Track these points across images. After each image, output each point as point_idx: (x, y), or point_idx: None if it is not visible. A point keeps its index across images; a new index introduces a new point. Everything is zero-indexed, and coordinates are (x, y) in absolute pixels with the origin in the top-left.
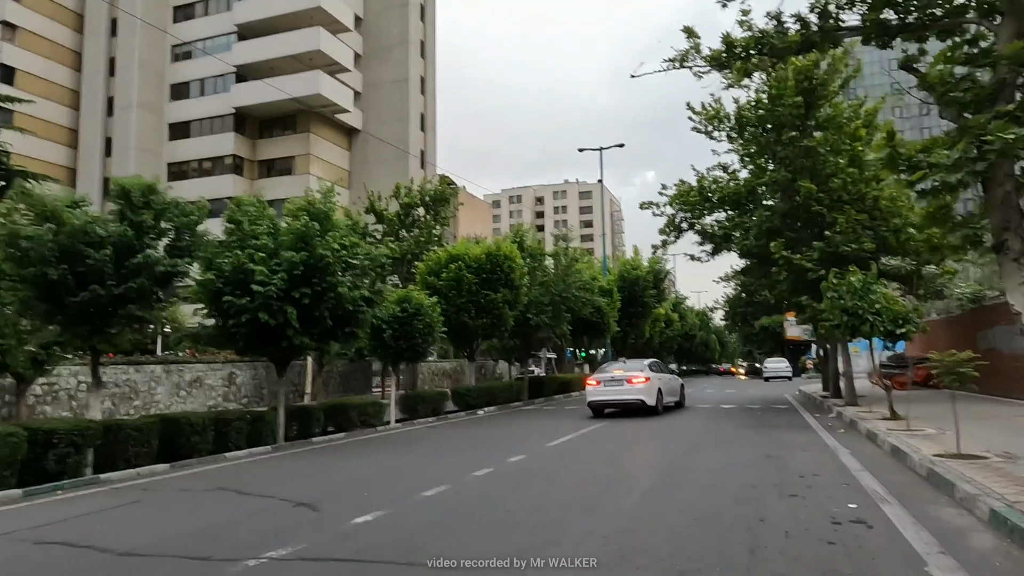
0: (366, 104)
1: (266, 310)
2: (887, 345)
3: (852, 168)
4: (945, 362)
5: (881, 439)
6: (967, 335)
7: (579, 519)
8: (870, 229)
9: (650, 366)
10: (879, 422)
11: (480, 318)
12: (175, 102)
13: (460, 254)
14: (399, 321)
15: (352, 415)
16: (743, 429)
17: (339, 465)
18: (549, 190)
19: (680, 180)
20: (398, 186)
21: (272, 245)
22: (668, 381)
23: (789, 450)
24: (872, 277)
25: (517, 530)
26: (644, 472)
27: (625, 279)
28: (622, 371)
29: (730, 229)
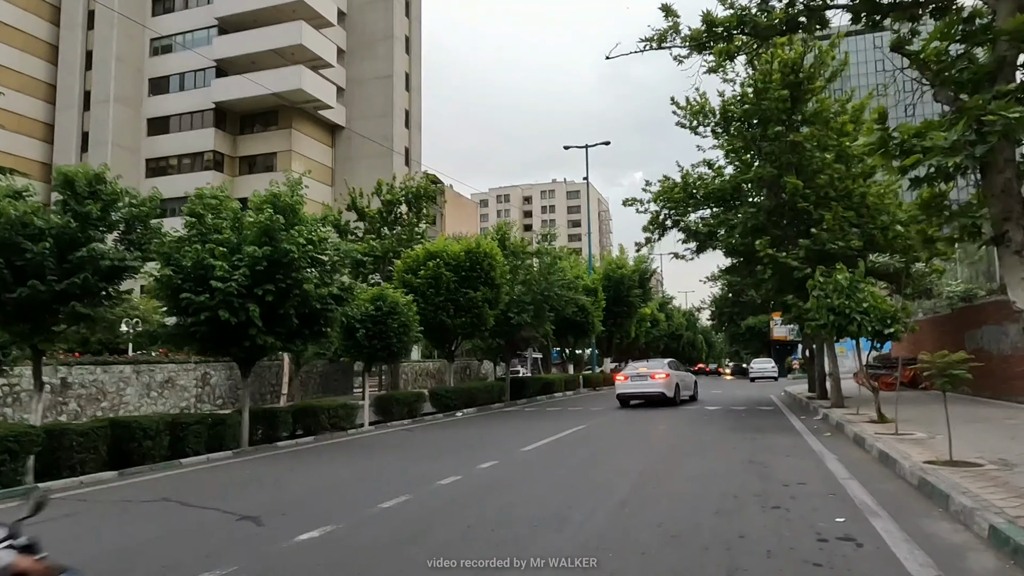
0: (350, 100)
1: (227, 308)
2: (875, 346)
3: (839, 164)
4: (937, 363)
5: (869, 444)
6: (955, 335)
7: (543, 536)
8: (857, 227)
9: (669, 364)
10: (866, 425)
11: (459, 317)
12: (154, 97)
13: (439, 251)
14: (373, 320)
15: (321, 418)
16: (727, 432)
17: (299, 472)
18: (537, 190)
19: (664, 176)
20: (379, 182)
21: (235, 240)
22: (684, 377)
23: (773, 455)
24: (859, 275)
25: (472, 549)
26: (620, 481)
27: (610, 278)
28: (646, 368)
29: (715, 227)
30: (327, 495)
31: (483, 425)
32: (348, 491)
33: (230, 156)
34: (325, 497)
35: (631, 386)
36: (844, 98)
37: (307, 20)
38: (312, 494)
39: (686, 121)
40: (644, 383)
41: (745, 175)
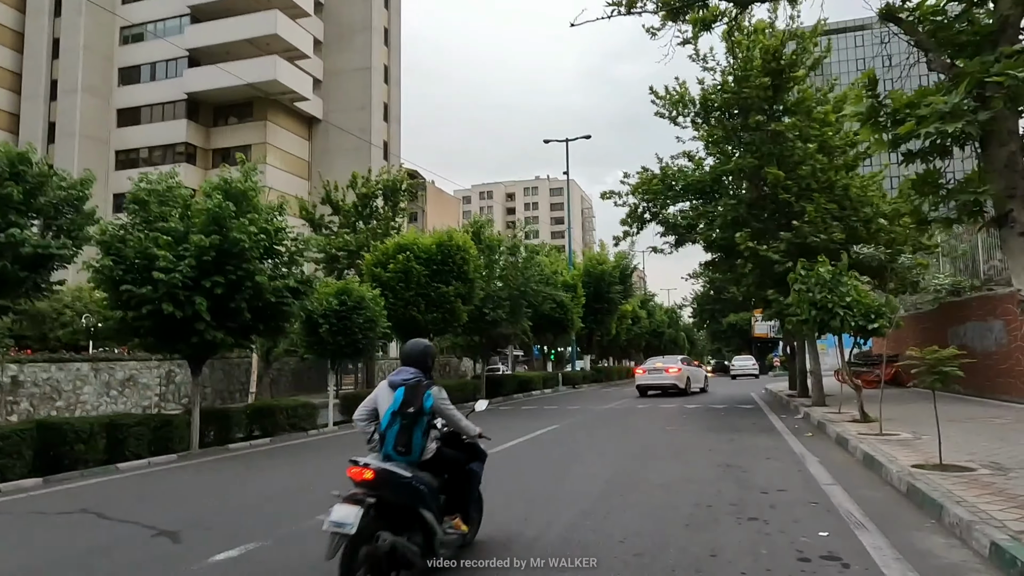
0: (327, 92)
1: (171, 301)
2: (858, 342)
3: (821, 155)
4: (927, 360)
5: (852, 445)
6: (938, 332)
7: (491, 553)
8: (839, 219)
9: (682, 360)
10: (849, 424)
11: (430, 313)
12: (124, 87)
13: (409, 244)
14: (337, 315)
15: (279, 418)
16: (705, 433)
17: (242, 478)
18: (520, 186)
19: (642, 168)
20: (354, 175)
21: (182, 228)
22: (695, 372)
23: (752, 458)
24: (842, 268)
25: None
26: (586, 488)
27: (591, 274)
28: (662, 364)
29: (694, 220)
30: (263, 505)
31: None
32: (286, 501)
33: (203, 148)
34: (260, 508)
35: (648, 378)
36: (826, 88)
37: (283, 9)
38: (247, 504)
39: (665, 111)
40: (659, 376)
41: (725, 166)
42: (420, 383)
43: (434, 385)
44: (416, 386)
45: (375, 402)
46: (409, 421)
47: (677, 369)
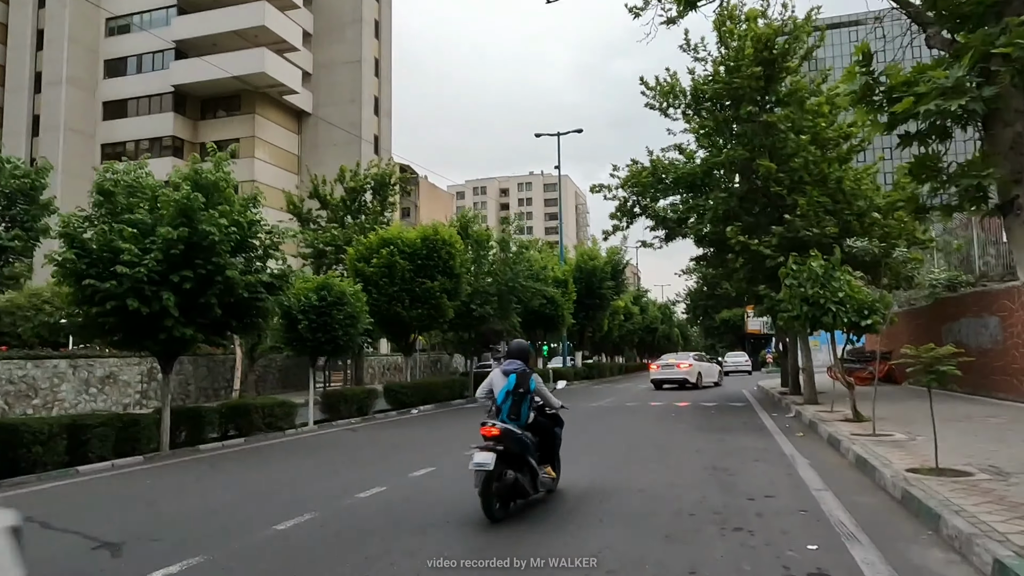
0: (316, 85)
1: (137, 296)
2: (851, 339)
3: (814, 147)
4: (923, 357)
5: (844, 446)
6: (931, 328)
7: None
8: (832, 213)
9: (694, 356)
10: (841, 424)
11: (415, 309)
12: (110, 79)
13: (393, 238)
14: (317, 311)
15: (255, 417)
16: (693, 433)
17: (205, 482)
18: (514, 182)
19: (632, 160)
20: (342, 169)
21: (149, 220)
22: (708, 367)
23: (740, 460)
24: (835, 262)
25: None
26: (561, 495)
27: (582, 270)
28: (674, 359)
29: (684, 213)
30: (219, 513)
31: (436, 424)
32: (246, 507)
33: (191, 142)
34: (215, 516)
35: (662, 373)
36: (819, 79)
37: (271, 1)
38: (202, 512)
39: (655, 103)
40: (672, 370)
41: (716, 158)
42: (526, 372)
43: (533, 373)
44: (524, 373)
45: (491, 384)
46: (519, 398)
47: (688, 364)
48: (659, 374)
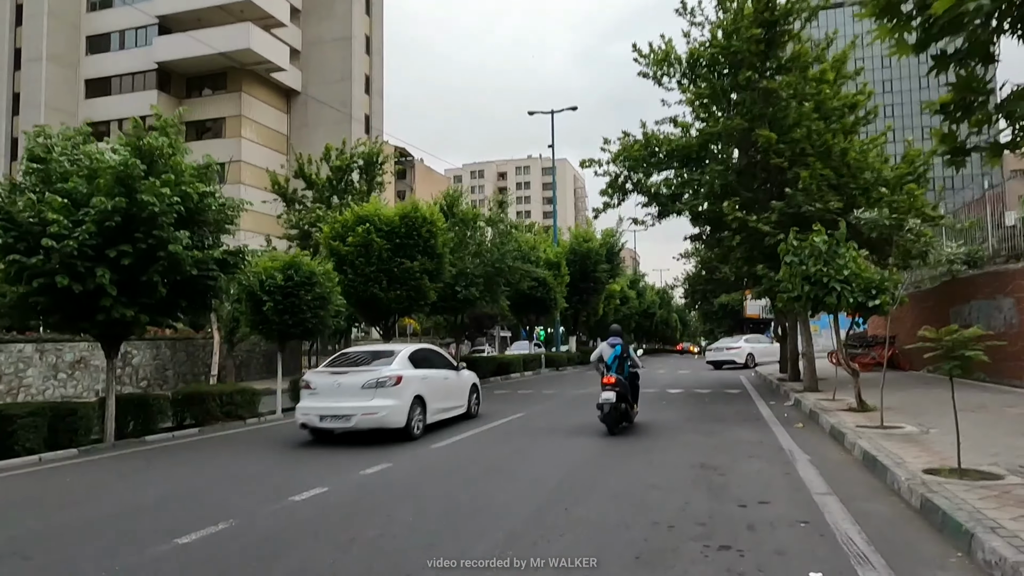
0: (306, 63)
1: (68, 272)
2: (856, 321)
3: (817, 116)
4: (944, 342)
5: (849, 440)
6: (939, 311)
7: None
8: (836, 188)
9: (746, 339)
10: (844, 414)
11: (393, 290)
12: (92, 56)
13: (369, 215)
14: (283, 292)
15: (211, 405)
16: (682, 423)
17: (130, 481)
18: (512, 165)
19: (623, 132)
20: (328, 147)
21: (84, 190)
22: (761, 349)
23: (732, 457)
24: (840, 237)
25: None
26: (524, 498)
27: (576, 252)
28: (727, 343)
29: (679, 189)
30: (121, 521)
31: None
32: (157, 513)
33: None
34: (113, 525)
35: (715, 355)
36: (824, 44)
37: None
38: (103, 519)
39: (649, 71)
40: (723, 353)
41: (713, 128)
42: (624, 344)
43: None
44: (624, 345)
45: (601, 353)
46: (621, 361)
47: (738, 347)
48: (713, 356)
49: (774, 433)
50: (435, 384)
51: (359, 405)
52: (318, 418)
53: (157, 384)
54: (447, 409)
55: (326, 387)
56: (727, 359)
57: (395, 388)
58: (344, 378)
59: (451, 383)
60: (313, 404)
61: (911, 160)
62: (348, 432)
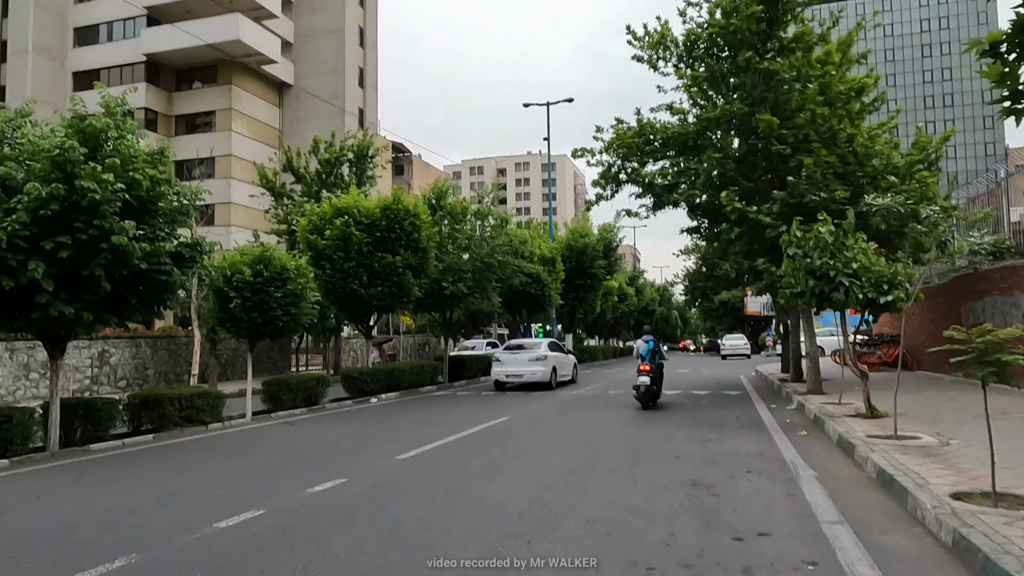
0: (298, 56)
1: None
2: (865, 319)
3: (822, 99)
4: (975, 344)
5: (861, 454)
6: (948, 309)
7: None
8: (842, 177)
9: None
10: (853, 421)
11: (374, 286)
12: (80, 48)
13: (348, 207)
14: (252, 288)
15: (168, 410)
16: (675, 430)
17: (41, 504)
18: (511, 162)
19: (616, 119)
20: (316, 140)
21: (19, 176)
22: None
23: (729, 472)
24: (848, 228)
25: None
26: (486, 524)
27: (572, 248)
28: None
29: (675, 178)
30: (36, 545)
31: (386, 417)
32: (35, 554)
33: (165, 115)
34: (25, 550)
35: (728, 348)
36: (828, 25)
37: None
38: (17, 544)
39: (644, 54)
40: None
41: (711, 113)
42: (655, 339)
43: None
44: (656, 342)
45: (637, 348)
46: (653, 354)
47: (745, 342)
48: (727, 349)
49: (775, 442)
50: (559, 360)
51: (527, 370)
52: (504, 376)
53: (137, 384)
54: (564, 375)
55: (508, 360)
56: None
57: (544, 361)
58: (518, 354)
59: (566, 360)
60: (502, 369)
61: (922, 147)
62: (520, 384)
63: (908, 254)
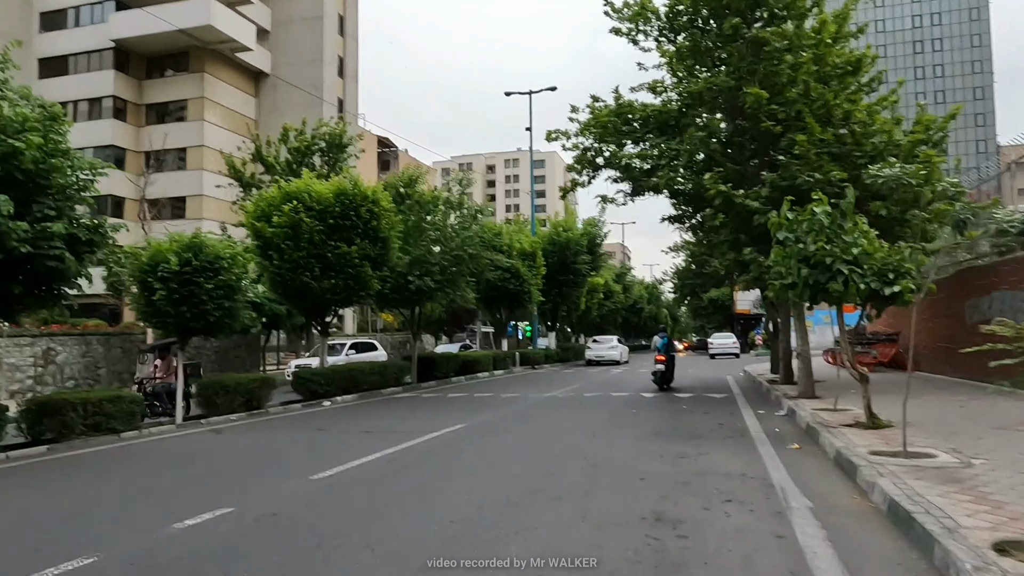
0: (275, 44)
1: None
2: (867, 314)
3: (816, 68)
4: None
5: (865, 477)
6: (951, 304)
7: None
8: (837, 157)
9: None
10: (851, 432)
11: (327, 279)
12: (46, 33)
13: (298, 192)
14: (179, 278)
15: (70, 417)
16: (648, 442)
17: None
18: (501, 158)
19: (592, 97)
20: (285, 128)
21: None
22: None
23: (702, 501)
24: (847, 208)
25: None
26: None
27: (555, 242)
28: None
29: (656, 161)
30: None
31: (330, 423)
32: None
33: (135, 103)
34: None
35: (716, 347)
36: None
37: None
38: None
39: (623, 27)
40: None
41: (695, 87)
42: (670, 337)
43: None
44: (670, 335)
45: (655, 341)
46: (668, 346)
47: (733, 341)
48: (715, 349)
49: (762, 459)
50: (621, 349)
51: (607, 353)
52: (595, 357)
53: (87, 384)
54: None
55: (595, 347)
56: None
57: (615, 348)
58: (600, 344)
59: (623, 349)
60: (592, 353)
61: (926, 126)
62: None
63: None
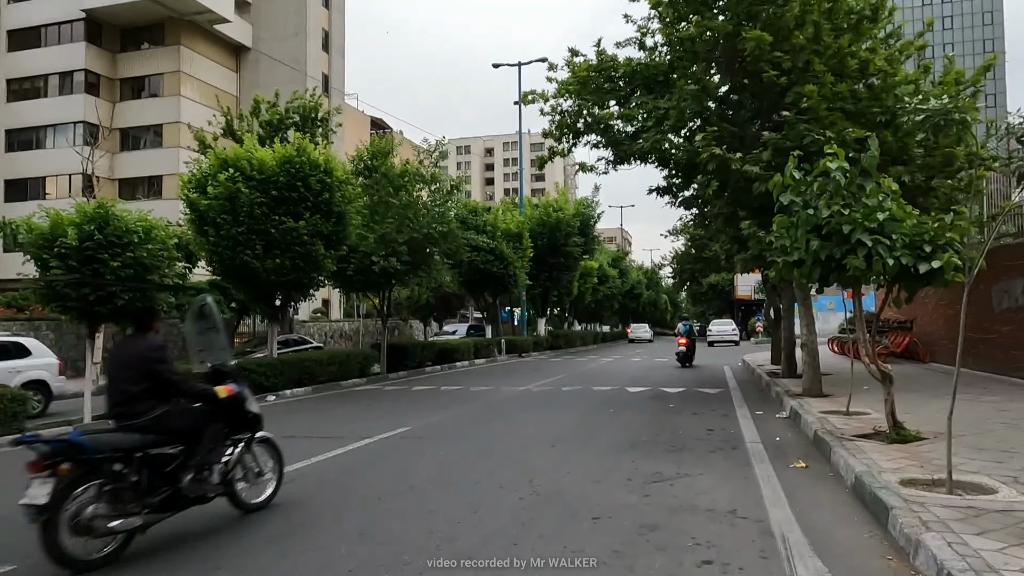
0: (256, 16)
1: None
2: (894, 299)
3: (829, 6)
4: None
5: (904, 531)
6: (974, 288)
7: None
8: (852, 116)
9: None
10: (872, 447)
11: (271, 258)
12: (15, 4)
13: (236, 159)
14: (80, 255)
15: None
16: (617, 456)
17: None
18: (499, 141)
19: (571, 51)
20: (257, 100)
21: None
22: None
23: (674, 559)
24: (869, 163)
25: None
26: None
27: (545, 223)
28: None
29: (644, 122)
30: None
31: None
32: None
33: (108, 77)
34: None
35: (715, 335)
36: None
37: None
38: None
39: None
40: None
41: (687, 32)
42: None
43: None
44: (691, 324)
45: (679, 328)
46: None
47: (734, 328)
48: (713, 336)
49: (758, 484)
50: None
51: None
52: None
53: None
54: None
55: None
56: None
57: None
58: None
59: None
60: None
61: (955, 79)
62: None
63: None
